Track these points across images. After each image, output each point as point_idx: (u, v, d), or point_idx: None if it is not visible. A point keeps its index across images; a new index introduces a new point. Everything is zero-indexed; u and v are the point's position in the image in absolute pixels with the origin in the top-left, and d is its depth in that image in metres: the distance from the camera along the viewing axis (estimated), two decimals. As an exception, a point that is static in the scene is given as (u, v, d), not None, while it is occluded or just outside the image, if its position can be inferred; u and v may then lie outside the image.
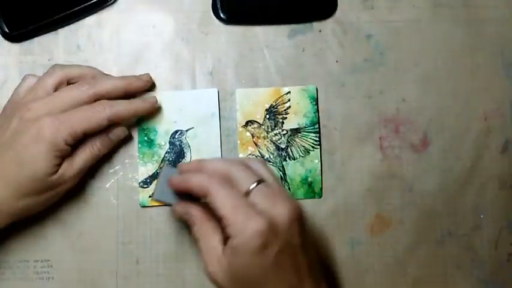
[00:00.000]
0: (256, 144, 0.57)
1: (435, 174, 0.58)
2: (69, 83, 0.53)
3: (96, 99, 0.51)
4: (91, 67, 0.55)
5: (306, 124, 0.58)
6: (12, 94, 0.53)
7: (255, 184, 0.44)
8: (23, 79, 0.54)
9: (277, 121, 0.58)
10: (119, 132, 0.55)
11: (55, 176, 0.50)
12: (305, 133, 0.58)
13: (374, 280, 0.57)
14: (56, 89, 0.52)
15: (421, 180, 0.58)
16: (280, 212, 0.43)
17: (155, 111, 0.56)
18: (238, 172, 0.45)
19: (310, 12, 0.59)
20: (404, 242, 0.57)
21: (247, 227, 0.42)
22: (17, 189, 0.49)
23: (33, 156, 0.48)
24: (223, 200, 0.43)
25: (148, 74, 0.56)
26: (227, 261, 0.43)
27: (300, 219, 0.44)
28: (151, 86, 0.57)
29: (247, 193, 0.44)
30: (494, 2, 0.60)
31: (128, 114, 0.53)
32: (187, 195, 0.48)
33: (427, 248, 0.58)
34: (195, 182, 0.46)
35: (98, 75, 0.55)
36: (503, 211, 0.58)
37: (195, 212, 0.47)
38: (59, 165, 0.50)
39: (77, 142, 0.51)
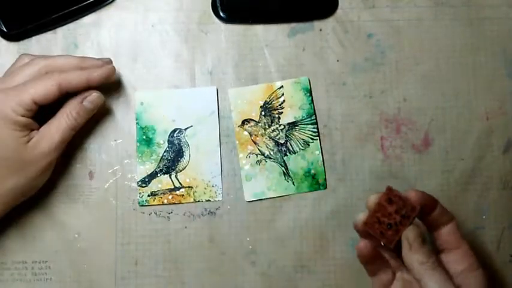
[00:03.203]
0: (255, 143, 0.57)
1: (437, 175, 0.58)
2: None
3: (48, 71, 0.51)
4: (69, 57, 0.53)
5: (303, 116, 0.57)
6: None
7: None
8: (17, 59, 0.53)
9: (274, 117, 0.57)
10: (93, 98, 0.53)
11: (28, 150, 0.49)
12: (303, 125, 0.57)
13: (375, 281, 0.57)
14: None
15: (423, 180, 0.58)
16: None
17: (112, 76, 0.53)
18: None
19: (311, 11, 0.59)
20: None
21: None
22: None
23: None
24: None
25: (109, 59, 0.55)
26: None
27: None
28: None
29: None
30: (496, 1, 0.60)
31: (80, 81, 0.51)
32: None
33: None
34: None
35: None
36: (506, 212, 0.58)
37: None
38: (26, 137, 0.49)
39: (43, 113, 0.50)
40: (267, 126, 0.57)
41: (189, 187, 0.56)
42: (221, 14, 0.58)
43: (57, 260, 0.55)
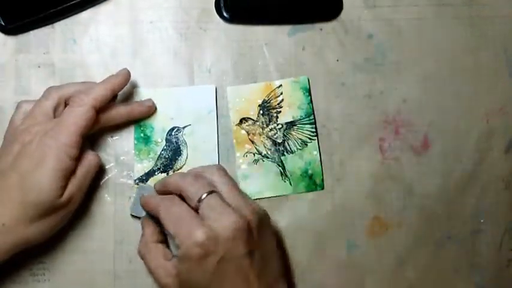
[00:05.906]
0: (252, 142, 0.56)
1: (436, 177, 0.57)
2: (66, 103, 0.52)
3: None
4: (86, 82, 0.54)
5: (301, 116, 0.57)
6: (10, 122, 0.52)
7: (205, 195, 0.47)
8: (18, 106, 0.52)
9: (272, 116, 0.57)
10: None
11: (61, 199, 0.49)
12: (301, 125, 0.57)
13: (372, 283, 0.56)
14: (55, 110, 0.51)
15: (421, 182, 0.57)
16: (223, 224, 0.45)
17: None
18: (189, 186, 0.48)
19: (315, 13, 0.58)
20: (403, 245, 0.57)
21: (188, 237, 0.45)
22: (24, 215, 0.47)
23: (38, 180, 0.47)
24: (169, 217, 0.47)
25: (150, 100, 0.56)
26: (175, 271, 0.47)
27: (247, 229, 0.46)
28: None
29: (197, 205, 0.47)
30: (497, 1, 0.59)
31: (106, 92, 0.52)
32: None
33: (426, 252, 0.57)
34: (151, 205, 0.50)
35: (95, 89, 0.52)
36: (507, 213, 0.57)
37: (145, 230, 0.52)
38: (65, 186, 0.49)
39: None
40: (265, 125, 0.57)
41: (186, 186, 0.55)
42: (225, 14, 0.57)
43: (54, 260, 0.55)
